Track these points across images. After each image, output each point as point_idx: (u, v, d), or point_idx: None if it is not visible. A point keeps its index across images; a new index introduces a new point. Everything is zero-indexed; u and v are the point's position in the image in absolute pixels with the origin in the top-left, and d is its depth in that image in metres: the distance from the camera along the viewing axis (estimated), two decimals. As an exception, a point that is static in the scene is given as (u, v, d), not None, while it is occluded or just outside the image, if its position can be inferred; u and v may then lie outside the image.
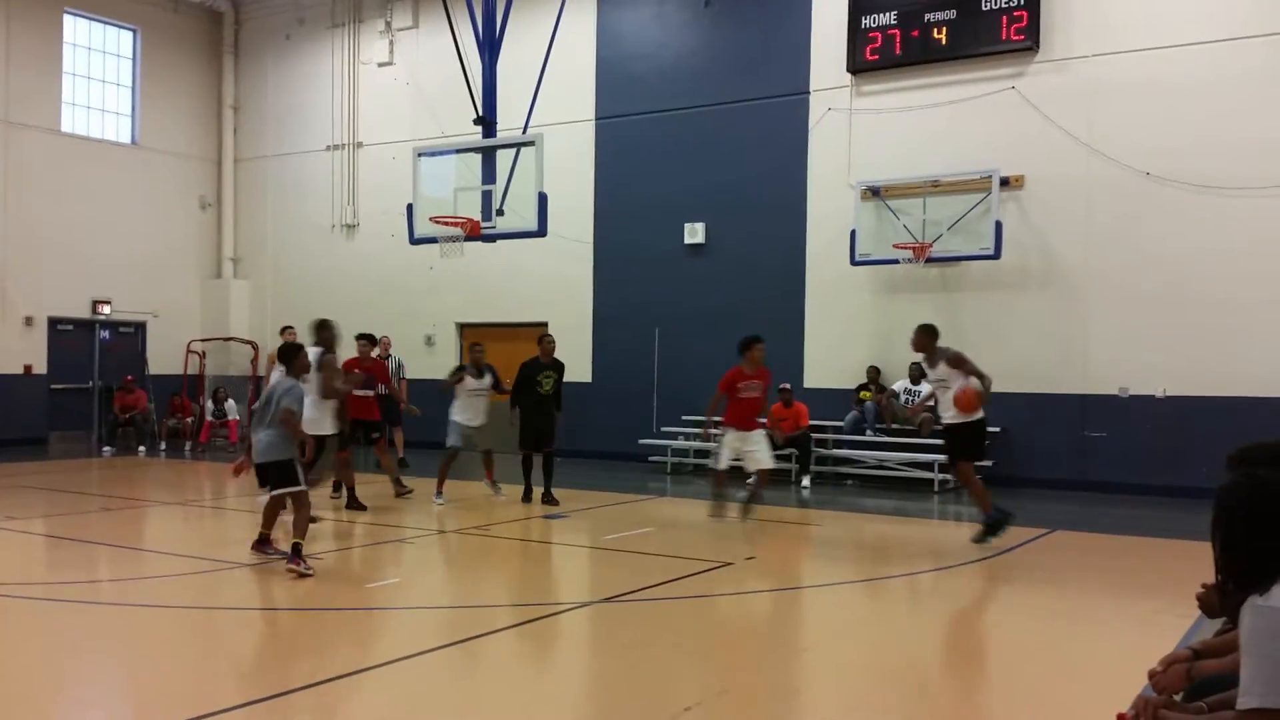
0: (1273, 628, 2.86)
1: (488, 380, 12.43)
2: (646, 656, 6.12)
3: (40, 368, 19.11)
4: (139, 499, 13.02)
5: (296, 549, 7.91)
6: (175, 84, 21.41)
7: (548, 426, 12.32)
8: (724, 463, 10.81)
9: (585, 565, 9.39)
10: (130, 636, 6.50)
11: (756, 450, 10.70)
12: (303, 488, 8.22)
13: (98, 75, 20.46)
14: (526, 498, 12.34)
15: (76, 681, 5.69)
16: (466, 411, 12.33)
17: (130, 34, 20.87)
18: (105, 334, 20.31)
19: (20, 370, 18.78)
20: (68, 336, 19.57)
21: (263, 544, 8.48)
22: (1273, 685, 2.83)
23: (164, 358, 20.74)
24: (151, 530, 11.07)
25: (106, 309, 19.96)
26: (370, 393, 12.44)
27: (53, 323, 19.34)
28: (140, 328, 20.77)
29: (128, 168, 20.56)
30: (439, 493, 12.13)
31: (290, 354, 8.54)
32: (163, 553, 8.77)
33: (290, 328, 13.41)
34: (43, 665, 5.84)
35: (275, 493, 8.25)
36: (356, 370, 11.78)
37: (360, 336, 12.60)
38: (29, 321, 18.95)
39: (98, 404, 19.81)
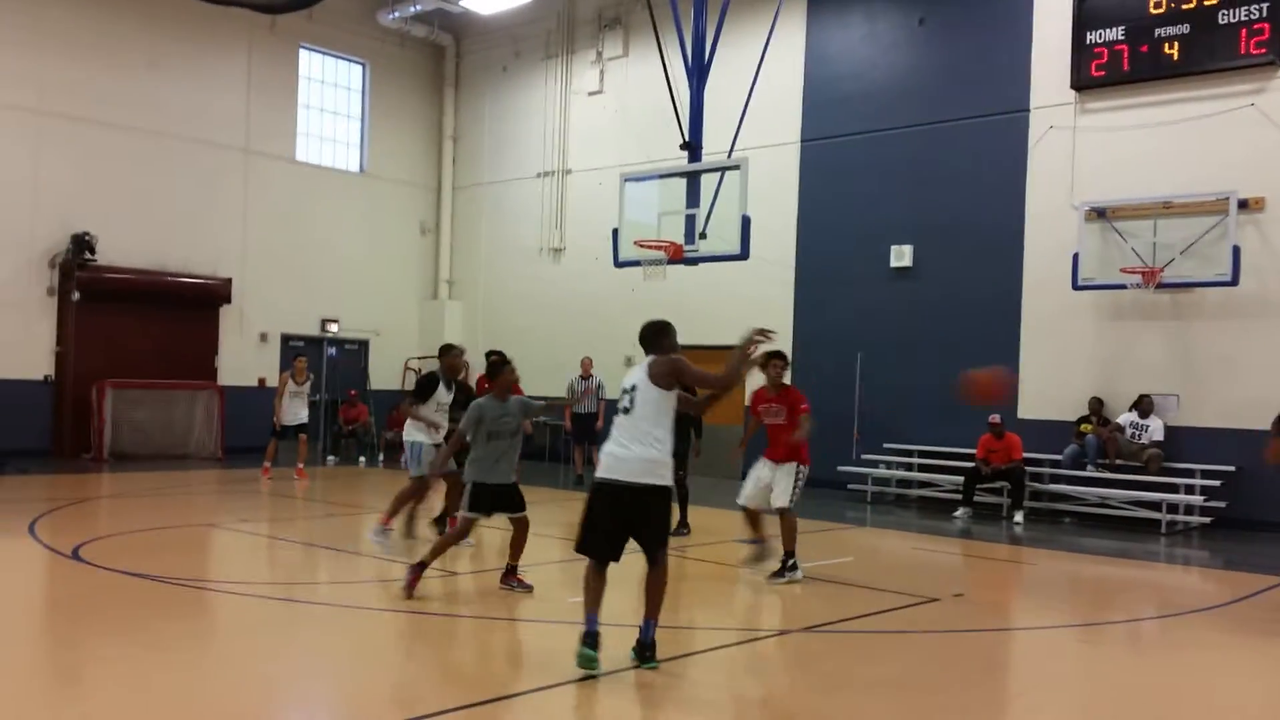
0: None
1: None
2: (844, 688, 5.93)
3: (273, 381, 20.36)
4: (359, 505, 13.68)
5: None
6: (400, 115, 22.61)
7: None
8: (744, 493, 9.30)
9: (782, 592, 9.21)
10: (355, 636, 6.79)
11: (776, 487, 9.14)
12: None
13: (329, 107, 21.83)
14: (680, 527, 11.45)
15: (300, 677, 5.99)
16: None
17: (360, 68, 22.17)
18: (333, 350, 21.56)
19: (255, 383, 20.13)
20: (299, 352, 20.83)
21: (510, 575, 8.25)
22: None
23: (384, 373, 21.86)
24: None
25: (334, 327, 21.22)
26: None
27: (285, 339, 20.68)
28: (364, 345, 21.97)
29: (355, 195, 21.83)
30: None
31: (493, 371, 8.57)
32: (380, 558, 9.15)
33: (498, 353, 13.02)
34: (270, 660, 6.18)
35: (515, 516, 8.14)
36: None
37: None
38: (264, 337, 20.34)
39: (324, 416, 21.00)
